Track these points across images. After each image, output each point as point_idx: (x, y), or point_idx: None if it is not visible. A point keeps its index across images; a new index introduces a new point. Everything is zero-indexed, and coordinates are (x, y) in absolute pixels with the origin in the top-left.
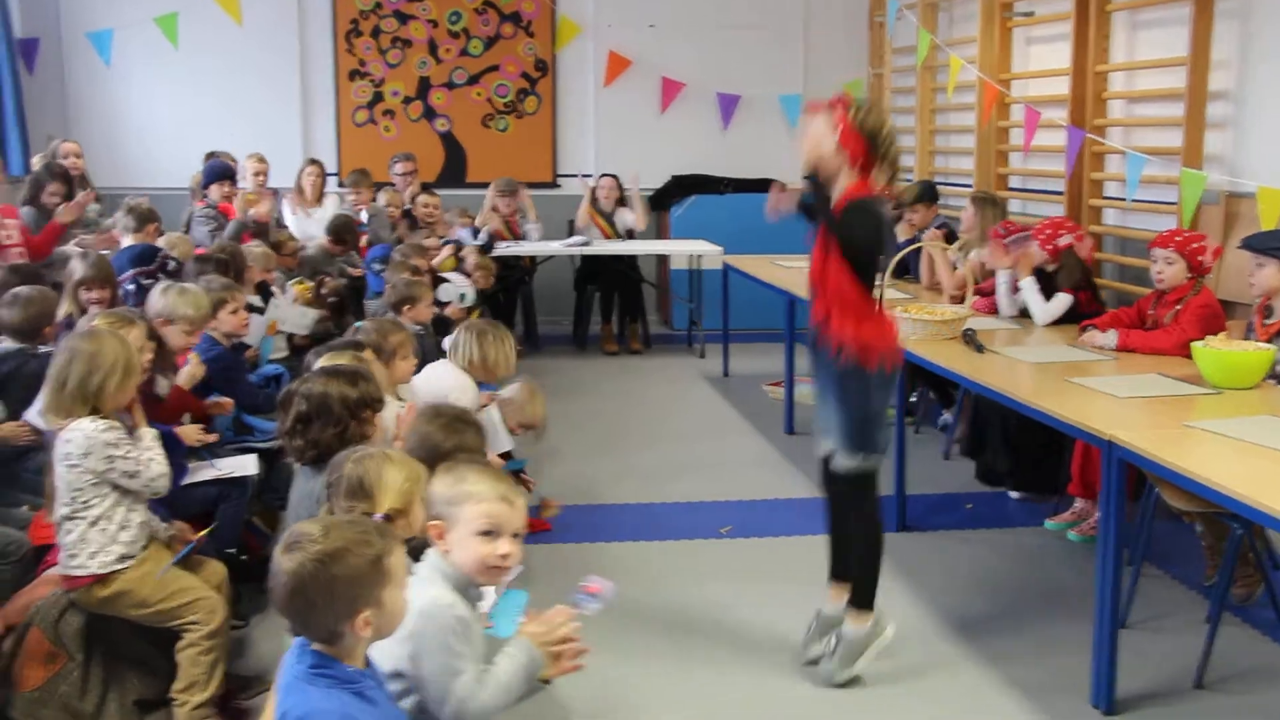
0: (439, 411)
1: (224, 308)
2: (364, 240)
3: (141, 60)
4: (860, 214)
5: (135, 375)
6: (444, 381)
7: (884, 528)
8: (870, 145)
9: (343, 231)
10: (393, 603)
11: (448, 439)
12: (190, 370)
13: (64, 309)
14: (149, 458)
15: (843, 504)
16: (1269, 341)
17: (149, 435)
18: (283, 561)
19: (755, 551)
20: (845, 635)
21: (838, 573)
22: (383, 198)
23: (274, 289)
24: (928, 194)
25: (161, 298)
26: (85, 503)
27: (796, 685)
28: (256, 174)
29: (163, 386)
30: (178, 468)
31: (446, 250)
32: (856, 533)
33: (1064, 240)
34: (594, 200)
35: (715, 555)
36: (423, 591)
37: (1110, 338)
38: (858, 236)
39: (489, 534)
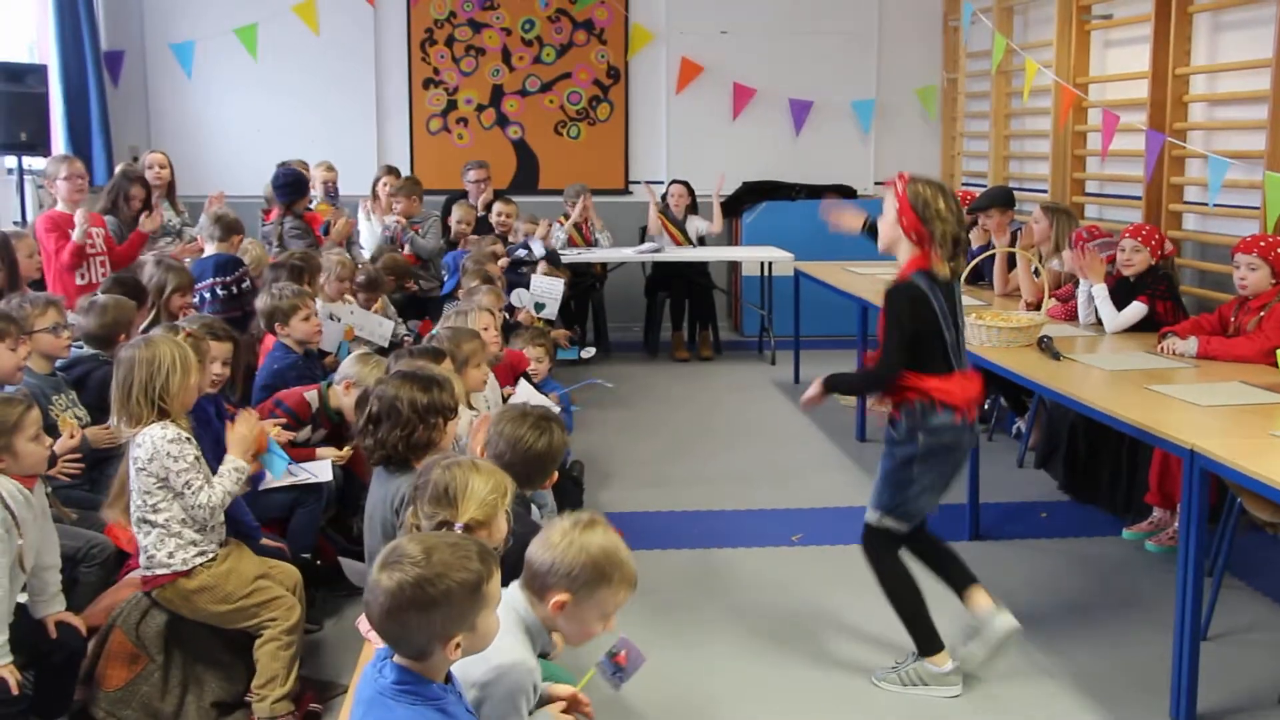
0: (524, 412)
1: (296, 315)
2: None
3: (222, 71)
4: (896, 298)
5: (194, 374)
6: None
7: (906, 577)
8: (922, 220)
9: (399, 269)
10: (485, 625)
11: (539, 439)
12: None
13: (149, 316)
14: (200, 485)
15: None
16: None
17: (229, 465)
18: (381, 579)
19: (827, 559)
20: (923, 665)
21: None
22: (457, 212)
23: (348, 298)
24: (1001, 199)
25: (357, 365)
26: (154, 506)
27: (868, 692)
28: (325, 182)
29: (303, 435)
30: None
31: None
32: (880, 581)
33: (1170, 246)
34: (664, 208)
35: (787, 562)
36: (503, 643)
37: (1190, 345)
38: (893, 311)
39: (608, 615)
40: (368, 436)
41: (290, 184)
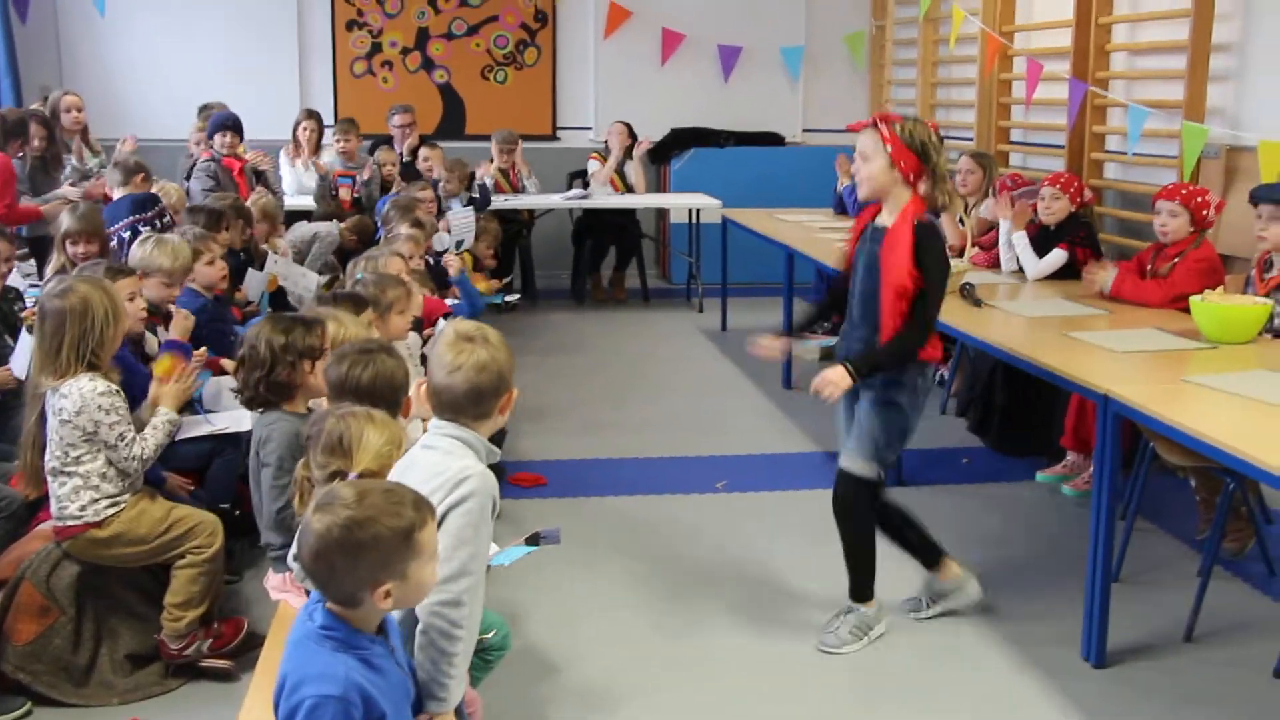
0: (342, 354)
1: (199, 259)
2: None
3: (137, 9)
4: (934, 237)
5: (124, 321)
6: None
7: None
8: (921, 158)
9: (365, 233)
10: (418, 577)
11: (364, 371)
12: (181, 323)
13: (54, 262)
14: (132, 438)
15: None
16: (1268, 295)
17: (162, 418)
18: (312, 522)
19: (750, 506)
20: (858, 611)
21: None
22: (380, 155)
23: (272, 242)
24: None
25: (138, 249)
26: (76, 459)
27: (788, 639)
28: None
29: (152, 345)
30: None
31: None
32: (849, 533)
33: (1089, 195)
34: (605, 150)
35: (710, 509)
36: (461, 463)
37: (1109, 275)
38: (939, 262)
39: None
40: (238, 380)
41: (212, 120)
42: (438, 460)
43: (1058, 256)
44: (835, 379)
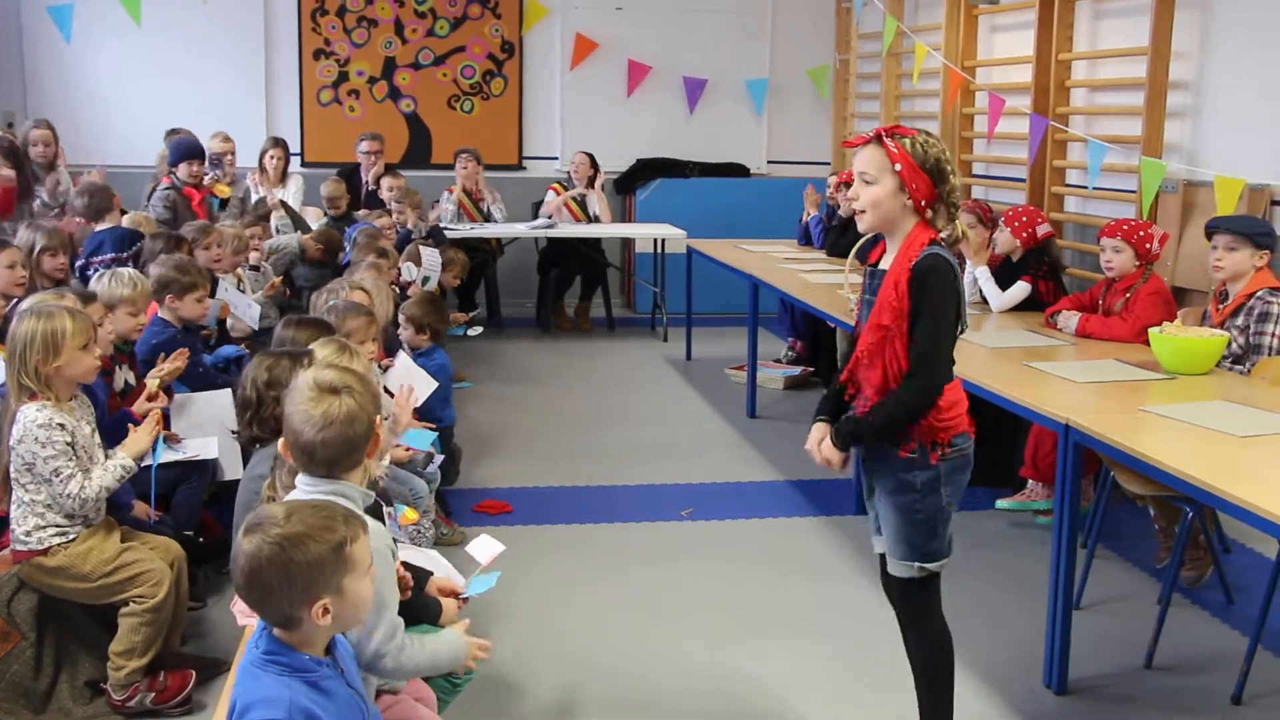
0: (268, 355)
1: (191, 293)
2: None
3: (103, 36)
4: (939, 279)
5: (65, 346)
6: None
7: (949, 640)
8: (935, 180)
9: (333, 245)
10: (355, 592)
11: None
12: (171, 367)
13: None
14: (70, 473)
15: (898, 610)
16: (1222, 324)
17: (116, 462)
18: (243, 543)
19: (716, 534)
20: None
21: None
22: (324, 190)
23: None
24: None
25: (95, 285)
26: (24, 485)
27: (753, 664)
28: (223, 154)
29: (119, 381)
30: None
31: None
32: (914, 650)
33: (1042, 230)
34: (566, 180)
35: (676, 537)
36: None
37: (1073, 319)
38: (932, 314)
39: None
40: (244, 418)
41: (173, 146)
42: None
43: (1021, 289)
44: (826, 453)
